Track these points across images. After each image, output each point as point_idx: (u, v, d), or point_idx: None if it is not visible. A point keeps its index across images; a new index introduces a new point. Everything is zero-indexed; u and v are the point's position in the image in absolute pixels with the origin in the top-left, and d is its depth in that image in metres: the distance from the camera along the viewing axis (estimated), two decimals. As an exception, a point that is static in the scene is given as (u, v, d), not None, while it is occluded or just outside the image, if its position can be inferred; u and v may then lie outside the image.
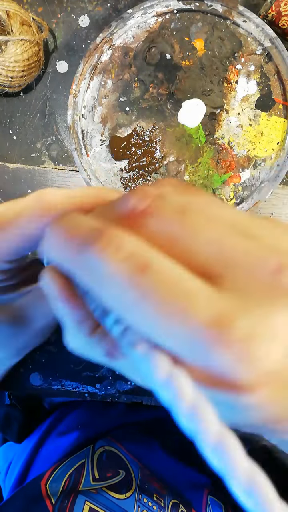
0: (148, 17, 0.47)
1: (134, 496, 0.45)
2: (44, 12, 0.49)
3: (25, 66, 0.47)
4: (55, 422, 0.66)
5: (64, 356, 0.52)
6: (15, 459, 0.64)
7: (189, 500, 0.48)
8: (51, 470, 0.48)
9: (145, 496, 0.46)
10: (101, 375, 0.52)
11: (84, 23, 0.49)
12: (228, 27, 0.47)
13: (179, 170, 0.49)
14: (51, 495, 0.43)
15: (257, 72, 0.47)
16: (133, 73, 0.48)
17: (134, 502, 0.44)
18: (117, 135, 0.49)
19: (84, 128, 0.49)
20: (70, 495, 0.42)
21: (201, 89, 0.48)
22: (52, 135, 0.50)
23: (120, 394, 0.53)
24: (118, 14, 0.48)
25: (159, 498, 0.47)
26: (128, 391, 0.53)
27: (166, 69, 0.48)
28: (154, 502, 0.46)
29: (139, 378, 0.18)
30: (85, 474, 0.47)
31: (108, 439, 0.56)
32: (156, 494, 0.47)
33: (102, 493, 0.44)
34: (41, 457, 0.60)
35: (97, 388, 0.53)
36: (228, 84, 0.48)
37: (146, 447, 0.56)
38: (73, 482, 0.46)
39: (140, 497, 0.45)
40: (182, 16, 0.47)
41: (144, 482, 0.48)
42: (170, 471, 0.53)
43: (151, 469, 0.52)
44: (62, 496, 0.42)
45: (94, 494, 0.43)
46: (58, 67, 0.49)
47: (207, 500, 0.49)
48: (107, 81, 0.48)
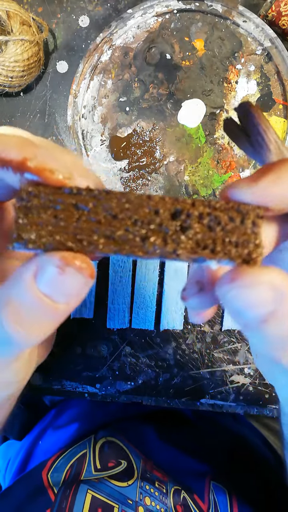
0: (148, 17, 0.47)
1: (136, 483, 0.45)
2: (44, 12, 0.49)
3: (25, 66, 0.47)
4: (54, 417, 0.67)
5: (64, 357, 0.52)
6: (14, 454, 0.64)
7: (191, 487, 0.48)
8: (52, 460, 0.48)
9: (147, 483, 0.46)
10: (101, 375, 0.52)
11: (84, 23, 0.49)
12: (228, 27, 0.47)
13: (179, 170, 0.49)
14: (53, 485, 0.43)
15: (257, 72, 0.47)
16: (133, 73, 0.48)
17: (136, 489, 0.44)
18: (117, 135, 0.49)
19: (84, 128, 0.49)
20: (72, 485, 0.42)
21: (201, 89, 0.48)
22: (52, 135, 0.50)
23: (120, 394, 0.53)
24: (118, 14, 0.48)
25: (161, 485, 0.47)
26: (128, 391, 0.53)
27: (166, 69, 0.48)
28: (156, 489, 0.46)
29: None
30: (87, 464, 0.47)
31: (109, 429, 0.56)
32: (158, 482, 0.47)
33: (104, 481, 0.44)
34: (40, 449, 0.60)
35: (97, 388, 0.53)
36: (228, 84, 0.48)
37: (147, 438, 0.56)
38: (74, 472, 0.46)
39: (142, 484, 0.46)
40: (182, 16, 0.47)
41: (145, 471, 0.48)
42: (171, 461, 0.53)
43: (152, 458, 0.52)
44: (64, 486, 0.42)
45: (96, 483, 0.43)
46: (58, 67, 0.49)
47: (209, 485, 0.49)
48: (107, 81, 0.48)
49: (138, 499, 0.43)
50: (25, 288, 0.16)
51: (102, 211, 0.17)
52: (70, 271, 0.16)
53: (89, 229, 0.16)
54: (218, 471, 0.53)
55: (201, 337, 0.51)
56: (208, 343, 0.51)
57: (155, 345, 0.52)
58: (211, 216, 0.17)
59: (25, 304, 0.16)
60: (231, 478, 0.52)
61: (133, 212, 0.17)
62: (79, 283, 0.16)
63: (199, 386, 0.52)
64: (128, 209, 0.17)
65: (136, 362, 0.52)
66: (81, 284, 0.16)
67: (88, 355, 0.52)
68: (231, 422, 0.65)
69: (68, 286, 0.16)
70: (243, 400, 0.52)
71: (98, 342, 0.52)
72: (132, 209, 0.17)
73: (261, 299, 0.15)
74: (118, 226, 0.16)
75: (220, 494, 0.48)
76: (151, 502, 0.44)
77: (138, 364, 0.52)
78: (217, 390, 0.52)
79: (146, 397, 0.53)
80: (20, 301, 0.16)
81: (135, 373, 0.52)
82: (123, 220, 0.17)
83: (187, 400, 0.52)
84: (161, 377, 0.52)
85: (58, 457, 0.49)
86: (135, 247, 0.16)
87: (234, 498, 0.48)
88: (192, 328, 0.51)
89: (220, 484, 0.50)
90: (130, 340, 0.52)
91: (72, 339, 0.52)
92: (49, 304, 0.16)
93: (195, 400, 0.52)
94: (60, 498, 0.40)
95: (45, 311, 0.16)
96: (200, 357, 0.52)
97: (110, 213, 0.17)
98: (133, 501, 0.43)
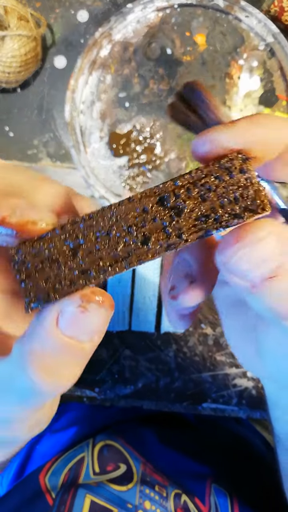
0: (148, 11, 0.46)
1: (136, 487, 0.44)
2: (42, 7, 0.48)
3: (23, 61, 0.46)
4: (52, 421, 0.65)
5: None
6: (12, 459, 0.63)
7: (192, 490, 0.47)
8: (50, 464, 0.47)
9: (147, 487, 0.45)
10: (100, 378, 0.51)
11: (83, 18, 0.48)
12: (230, 22, 0.46)
13: (180, 168, 0.48)
14: (51, 490, 0.42)
15: (260, 68, 0.46)
16: (133, 68, 0.47)
17: (135, 493, 0.44)
18: (117, 131, 0.48)
19: (82, 125, 0.47)
20: (70, 489, 0.41)
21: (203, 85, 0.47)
22: (49, 132, 0.49)
23: (120, 398, 0.51)
24: (118, 8, 0.47)
25: (161, 489, 0.46)
26: (127, 395, 0.51)
27: (167, 64, 0.47)
28: (156, 493, 0.45)
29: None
30: (85, 468, 0.47)
31: (108, 432, 0.55)
32: (158, 485, 0.46)
33: (103, 485, 0.43)
34: (37, 453, 0.59)
35: (96, 392, 0.51)
36: (230, 79, 0.47)
37: (147, 441, 0.56)
38: (73, 475, 0.45)
39: (142, 488, 0.45)
40: (183, 11, 0.46)
41: (145, 475, 0.48)
42: (171, 463, 0.52)
43: (152, 462, 0.52)
44: (62, 490, 0.42)
45: (95, 487, 0.42)
46: (56, 63, 0.48)
47: (210, 488, 0.48)
48: (106, 77, 0.47)
49: (138, 503, 0.43)
50: (47, 334, 0.15)
51: (94, 236, 0.16)
52: (92, 307, 0.15)
53: (91, 259, 0.16)
54: (219, 473, 0.52)
55: (203, 339, 0.50)
56: (210, 346, 0.50)
57: (156, 348, 0.50)
58: (197, 186, 0.16)
59: (50, 351, 0.16)
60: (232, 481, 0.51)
61: (122, 221, 0.16)
62: (103, 317, 0.16)
63: (200, 390, 0.51)
64: (116, 221, 0.16)
65: (136, 365, 0.51)
66: (104, 318, 0.16)
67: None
68: (232, 424, 0.64)
69: (92, 323, 0.16)
70: (246, 404, 0.50)
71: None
72: (120, 219, 0.16)
73: (269, 253, 0.15)
74: (116, 242, 0.16)
75: (221, 497, 0.47)
76: (151, 506, 0.43)
77: (138, 367, 0.51)
78: (219, 394, 0.51)
79: (146, 401, 0.51)
80: (44, 349, 0.16)
81: (135, 377, 0.51)
82: (118, 234, 0.16)
83: (189, 405, 0.51)
84: (161, 380, 0.51)
85: (56, 460, 0.48)
86: (141, 254, 0.16)
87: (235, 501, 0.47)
88: (194, 331, 0.50)
89: (221, 487, 0.49)
90: (130, 342, 0.51)
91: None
92: (75, 346, 0.16)
93: (197, 404, 0.51)
94: (58, 503, 0.40)
95: (71, 353, 0.16)
96: (202, 360, 0.50)
97: (103, 234, 0.16)
98: (133, 505, 0.42)
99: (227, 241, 0.15)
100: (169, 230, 0.16)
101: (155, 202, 0.16)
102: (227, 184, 0.16)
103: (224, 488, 0.49)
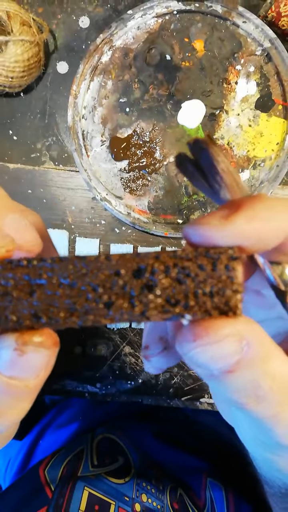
0: (148, 18, 0.47)
1: (133, 480, 0.46)
2: (44, 13, 0.49)
3: (25, 66, 0.47)
4: (54, 416, 0.67)
5: (65, 356, 0.52)
6: (15, 454, 0.65)
7: (188, 483, 0.49)
8: (50, 456, 0.49)
9: (143, 480, 0.46)
10: (101, 374, 0.53)
11: (84, 24, 0.49)
12: (228, 28, 0.47)
13: (179, 171, 0.49)
14: (50, 482, 0.43)
15: (256, 73, 0.47)
16: (133, 74, 0.48)
17: (133, 486, 0.45)
18: (117, 135, 0.49)
19: (84, 129, 0.49)
20: (69, 481, 0.43)
21: (201, 90, 0.48)
22: (52, 136, 0.50)
23: (121, 393, 0.53)
24: (118, 15, 0.48)
25: (158, 482, 0.47)
26: (128, 391, 0.53)
27: (166, 70, 0.48)
28: (152, 486, 0.46)
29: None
30: (84, 461, 0.48)
31: (107, 426, 0.56)
32: (154, 479, 0.48)
33: (101, 478, 0.44)
34: (41, 449, 0.61)
35: (98, 387, 0.53)
36: (227, 84, 0.48)
37: (144, 435, 0.57)
38: (72, 468, 0.46)
39: (139, 481, 0.46)
40: (182, 17, 0.47)
41: (142, 468, 0.49)
42: (168, 458, 0.54)
43: (149, 455, 0.53)
44: (61, 482, 0.43)
45: (93, 479, 0.43)
46: (58, 68, 0.50)
47: (206, 482, 0.49)
48: (107, 82, 0.48)
49: (134, 496, 0.44)
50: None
51: (57, 282, 0.15)
52: (30, 349, 0.15)
53: (46, 304, 0.15)
54: (214, 467, 0.53)
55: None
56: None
57: (155, 345, 0.52)
58: (178, 268, 0.15)
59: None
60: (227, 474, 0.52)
61: (92, 277, 0.15)
62: (43, 357, 0.15)
63: (199, 385, 0.52)
64: (85, 274, 0.15)
65: (136, 362, 0.52)
66: (45, 358, 0.15)
67: (88, 354, 0.52)
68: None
69: (33, 363, 0.15)
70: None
71: (98, 341, 0.52)
72: (90, 274, 0.15)
73: (226, 352, 0.14)
74: (78, 295, 0.15)
75: (216, 490, 0.49)
76: (147, 499, 0.44)
77: (138, 363, 0.52)
78: (216, 389, 0.52)
79: (146, 396, 0.53)
80: None
81: (135, 373, 0.52)
82: (83, 287, 0.15)
83: (187, 400, 0.53)
84: (161, 376, 0.53)
85: (56, 453, 0.49)
86: (100, 315, 0.15)
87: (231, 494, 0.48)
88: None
89: (217, 480, 0.50)
90: (130, 339, 0.52)
91: (72, 339, 0.52)
92: (17, 386, 0.15)
93: (195, 399, 0.53)
94: (57, 495, 0.41)
95: (15, 393, 0.15)
96: (200, 356, 0.52)
97: (67, 282, 0.15)
98: (129, 498, 0.43)
99: (185, 336, 0.15)
100: (136, 302, 0.15)
101: (132, 269, 0.15)
102: (208, 275, 0.15)
103: (220, 481, 0.50)
